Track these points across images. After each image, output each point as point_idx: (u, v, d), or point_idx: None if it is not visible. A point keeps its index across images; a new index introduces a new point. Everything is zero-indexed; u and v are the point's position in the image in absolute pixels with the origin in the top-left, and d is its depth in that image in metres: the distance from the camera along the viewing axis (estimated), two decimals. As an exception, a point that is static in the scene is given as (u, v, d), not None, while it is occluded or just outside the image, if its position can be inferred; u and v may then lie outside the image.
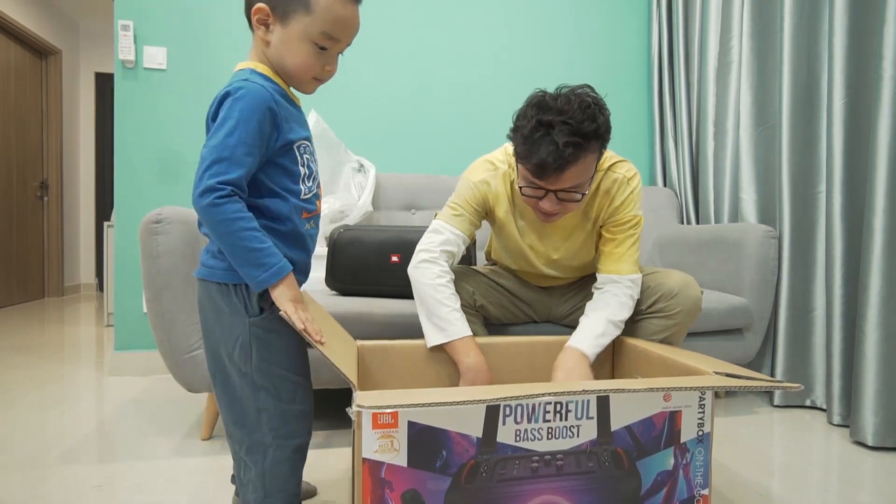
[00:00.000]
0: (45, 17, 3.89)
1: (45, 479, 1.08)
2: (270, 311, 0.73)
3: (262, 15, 0.70)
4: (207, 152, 0.67)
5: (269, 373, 0.73)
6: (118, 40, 1.81)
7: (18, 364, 2.02)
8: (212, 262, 0.73)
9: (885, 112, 1.27)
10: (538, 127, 0.92)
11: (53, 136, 4.02)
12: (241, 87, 0.68)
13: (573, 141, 0.90)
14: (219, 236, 0.67)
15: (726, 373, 0.79)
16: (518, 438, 0.71)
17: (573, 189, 0.97)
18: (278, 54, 0.72)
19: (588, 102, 0.93)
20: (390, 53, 2.08)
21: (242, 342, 0.72)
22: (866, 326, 1.30)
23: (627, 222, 1.09)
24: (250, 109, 0.67)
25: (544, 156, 0.90)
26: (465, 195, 1.11)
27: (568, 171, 0.93)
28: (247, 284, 0.71)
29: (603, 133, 0.95)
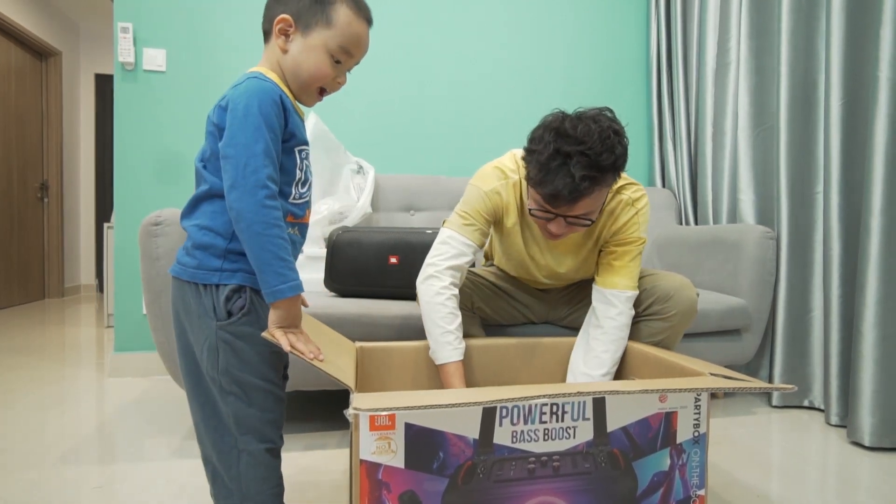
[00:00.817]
0: (46, 18, 3.89)
1: (46, 479, 1.09)
2: (240, 316, 0.71)
3: (285, 25, 0.74)
4: (240, 150, 0.66)
5: (237, 378, 0.71)
6: (118, 42, 1.82)
7: (19, 365, 2.02)
8: (185, 260, 0.72)
9: (882, 114, 1.28)
10: (555, 155, 0.89)
11: (54, 137, 4.03)
12: (251, 83, 0.70)
13: (590, 175, 0.88)
14: (253, 235, 0.67)
15: (721, 374, 0.79)
16: (515, 440, 0.72)
17: (583, 216, 0.97)
18: (295, 62, 0.75)
19: (608, 133, 0.90)
20: (388, 55, 2.08)
21: (210, 345, 0.71)
22: (863, 327, 1.30)
23: (631, 242, 1.08)
24: (267, 104, 0.68)
25: (560, 187, 0.89)
26: (476, 205, 1.08)
27: (581, 202, 0.92)
28: (216, 286, 0.70)
29: (620, 165, 0.93)
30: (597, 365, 1.03)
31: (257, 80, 0.70)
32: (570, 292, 1.27)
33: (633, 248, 1.08)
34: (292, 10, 0.74)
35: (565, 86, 2.25)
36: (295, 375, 1.28)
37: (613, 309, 1.06)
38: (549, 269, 1.17)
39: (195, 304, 0.71)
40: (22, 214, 3.76)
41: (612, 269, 1.08)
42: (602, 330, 1.05)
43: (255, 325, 0.71)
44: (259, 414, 0.73)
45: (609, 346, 1.04)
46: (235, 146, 0.67)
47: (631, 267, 1.08)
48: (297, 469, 1.15)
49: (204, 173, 0.72)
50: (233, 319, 0.71)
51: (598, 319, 1.07)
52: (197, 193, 0.73)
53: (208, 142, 0.72)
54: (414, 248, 1.43)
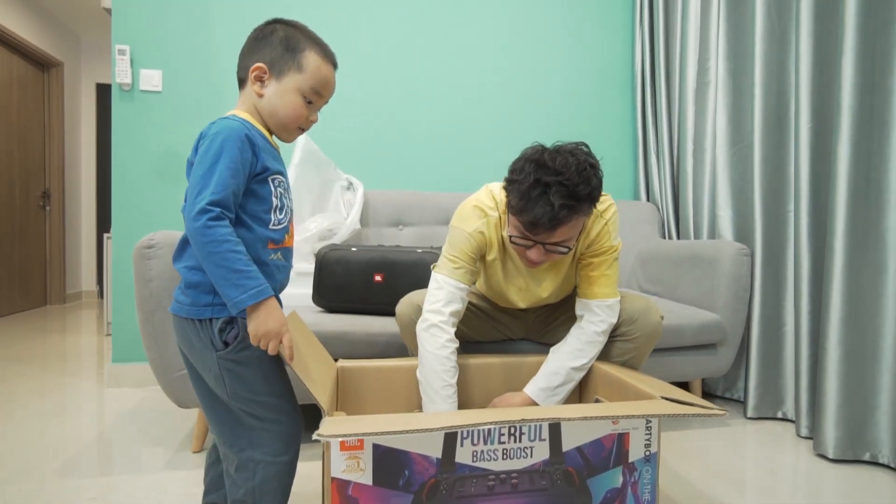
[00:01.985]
0: (48, 30, 3.97)
1: (43, 491, 1.15)
2: (235, 345, 0.77)
3: (260, 72, 0.81)
4: (196, 180, 0.73)
5: (246, 399, 0.78)
6: (115, 64, 1.88)
7: (22, 374, 2.08)
8: (181, 298, 0.79)
9: (845, 140, 1.33)
10: (535, 185, 0.95)
11: (55, 146, 4.10)
12: (218, 125, 0.77)
13: (568, 204, 0.94)
14: (205, 256, 0.71)
15: (672, 398, 0.85)
16: (475, 459, 0.78)
17: (561, 244, 1.02)
18: (271, 105, 0.82)
19: (584, 166, 0.97)
20: (378, 73, 2.14)
21: (215, 374, 0.78)
22: (827, 344, 1.36)
23: (604, 252, 1.14)
24: (230, 139, 0.75)
25: (539, 215, 0.94)
26: (462, 246, 1.12)
27: (559, 230, 0.98)
28: (210, 320, 0.76)
29: (595, 196, 0.99)
30: (569, 357, 1.10)
31: (226, 120, 0.77)
32: (548, 310, 1.33)
33: (608, 257, 1.14)
34: (266, 58, 0.82)
35: (553, 103, 2.31)
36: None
37: (596, 316, 1.12)
38: (530, 294, 1.22)
39: (195, 338, 0.78)
40: (24, 223, 3.83)
41: (591, 279, 1.14)
42: (583, 331, 1.12)
43: (252, 352, 0.77)
44: (272, 429, 0.79)
45: (585, 346, 1.11)
46: (193, 177, 0.74)
47: (609, 275, 1.14)
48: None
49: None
50: (230, 348, 0.77)
51: (580, 322, 1.14)
52: (183, 236, 0.78)
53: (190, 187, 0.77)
54: (397, 266, 1.49)
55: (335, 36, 2.10)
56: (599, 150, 2.35)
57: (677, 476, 1.26)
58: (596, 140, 2.35)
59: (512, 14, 2.26)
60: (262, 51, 0.82)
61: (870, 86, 1.32)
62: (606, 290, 1.13)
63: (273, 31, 0.83)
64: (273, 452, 0.79)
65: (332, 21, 2.09)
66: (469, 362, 1.18)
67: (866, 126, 1.32)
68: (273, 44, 0.82)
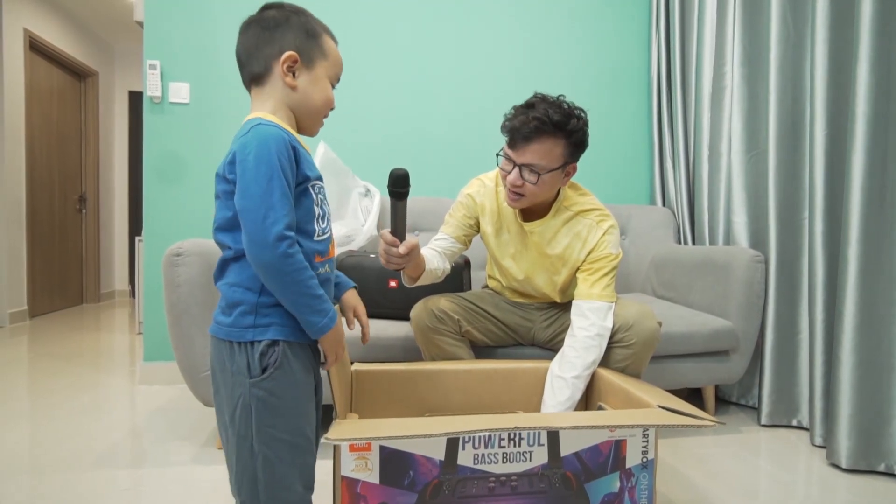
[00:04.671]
0: (83, 41, 4.16)
1: (80, 481, 1.24)
2: (273, 370, 0.71)
3: (291, 62, 0.75)
4: (256, 202, 0.66)
5: (269, 437, 0.70)
6: (146, 78, 1.98)
7: (60, 371, 2.22)
8: (220, 318, 0.73)
9: (859, 148, 1.32)
10: (524, 106, 1.14)
11: (91, 152, 4.30)
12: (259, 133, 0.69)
13: (543, 119, 1.09)
14: (286, 285, 0.68)
15: (669, 407, 0.87)
16: (476, 461, 0.82)
17: (532, 166, 1.13)
18: (306, 94, 0.77)
19: (570, 106, 1.14)
20: (392, 81, 2.20)
21: (243, 403, 0.70)
22: (841, 353, 1.35)
23: (602, 258, 1.20)
24: (279, 151, 0.68)
25: (517, 124, 1.11)
26: (456, 206, 1.34)
27: (532, 145, 1.11)
28: (251, 342, 0.70)
29: (570, 131, 1.12)
30: (569, 368, 1.13)
31: (263, 127, 0.69)
32: (553, 317, 1.36)
33: (606, 264, 1.20)
34: (294, 45, 0.75)
35: (567, 107, 2.32)
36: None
37: (586, 321, 1.16)
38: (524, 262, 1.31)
39: (228, 363, 0.71)
40: (63, 225, 4.03)
41: (584, 281, 1.21)
42: (575, 338, 1.16)
43: (289, 379, 0.71)
44: (288, 471, 0.72)
45: (580, 352, 1.14)
46: (251, 198, 0.66)
47: (604, 281, 1.19)
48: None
49: (224, 239, 0.72)
50: (266, 375, 0.70)
51: (572, 330, 1.18)
52: (224, 257, 0.73)
53: (222, 203, 0.72)
54: (411, 272, 1.54)
55: (351, 44, 2.16)
56: (615, 154, 2.36)
57: (685, 482, 1.28)
58: (612, 144, 2.35)
59: (527, 20, 2.28)
60: (283, 39, 0.75)
61: (885, 93, 1.31)
62: (598, 291, 1.18)
63: (287, 18, 0.76)
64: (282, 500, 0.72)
65: (349, 29, 2.16)
66: (476, 368, 1.22)
67: (881, 134, 1.31)
68: (296, 30, 0.76)
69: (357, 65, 2.17)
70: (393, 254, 1.03)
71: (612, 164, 2.36)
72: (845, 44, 1.44)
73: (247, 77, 0.78)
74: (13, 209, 3.40)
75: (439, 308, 1.26)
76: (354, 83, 2.17)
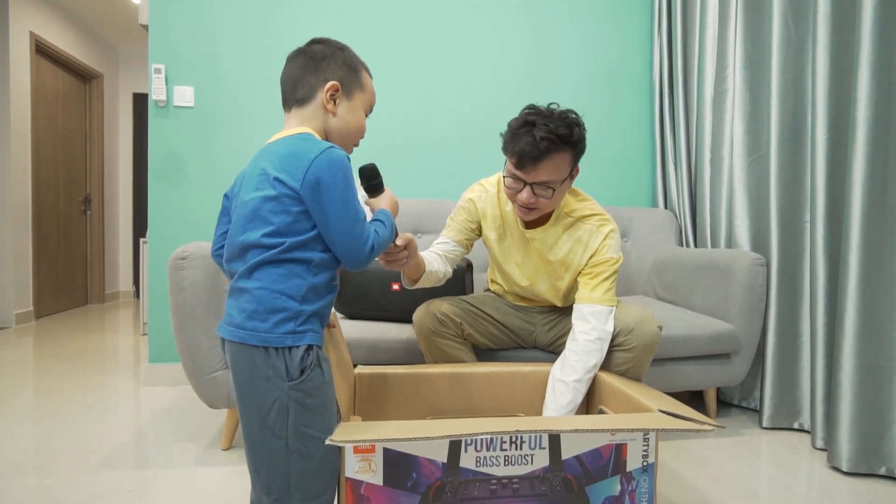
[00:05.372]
0: (88, 44, 4.19)
1: (87, 482, 1.25)
2: (310, 373, 0.75)
3: (333, 90, 0.86)
4: (350, 223, 0.77)
5: (304, 436, 0.75)
6: (151, 82, 2.00)
7: (66, 372, 2.23)
8: (252, 324, 0.74)
9: (860, 153, 1.33)
10: (523, 125, 1.11)
11: (96, 153, 4.33)
12: (334, 155, 0.77)
13: (549, 137, 1.07)
14: (380, 250, 0.84)
15: (669, 411, 0.88)
16: (478, 464, 0.83)
17: (546, 183, 1.12)
18: (344, 122, 0.87)
19: (568, 116, 1.12)
20: (395, 84, 2.21)
21: (280, 406, 0.74)
22: (842, 357, 1.35)
23: (603, 262, 1.21)
24: (350, 171, 0.79)
25: (524, 146, 1.08)
26: (456, 210, 1.36)
27: (542, 165, 1.10)
28: (289, 348, 0.74)
29: (576, 141, 1.12)
30: (570, 371, 1.14)
31: (335, 150, 0.77)
32: (554, 321, 1.37)
33: (607, 268, 1.21)
34: (337, 77, 0.86)
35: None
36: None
37: (587, 325, 1.17)
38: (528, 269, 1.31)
39: (263, 368, 0.73)
40: (68, 226, 4.06)
41: (585, 285, 1.22)
42: (576, 342, 1.17)
43: (321, 380, 0.77)
44: (319, 468, 0.77)
45: (581, 356, 1.15)
46: (345, 219, 0.77)
47: (605, 285, 1.20)
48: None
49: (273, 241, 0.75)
50: (304, 377, 0.75)
51: (573, 334, 1.19)
52: (262, 258, 0.75)
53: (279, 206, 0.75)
54: (414, 275, 1.55)
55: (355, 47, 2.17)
56: (618, 156, 2.37)
57: (686, 484, 1.28)
58: (614, 147, 2.36)
59: (529, 23, 2.29)
60: (328, 70, 0.86)
61: (886, 99, 1.31)
62: (598, 295, 1.19)
63: (334, 53, 0.87)
64: (313, 494, 0.77)
65: (352, 33, 2.17)
66: (478, 371, 1.23)
67: (882, 139, 1.32)
68: (339, 64, 0.87)
69: (360, 68, 2.18)
70: (389, 249, 1.03)
71: (615, 166, 2.37)
72: (846, 48, 1.45)
73: (290, 99, 0.86)
74: (19, 211, 3.42)
75: (441, 311, 1.27)
76: (357, 86, 2.18)
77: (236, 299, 0.77)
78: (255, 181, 0.78)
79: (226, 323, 0.77)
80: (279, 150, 0.79)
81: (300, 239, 0.76)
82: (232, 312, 0.77)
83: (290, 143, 0.80)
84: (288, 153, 0.78)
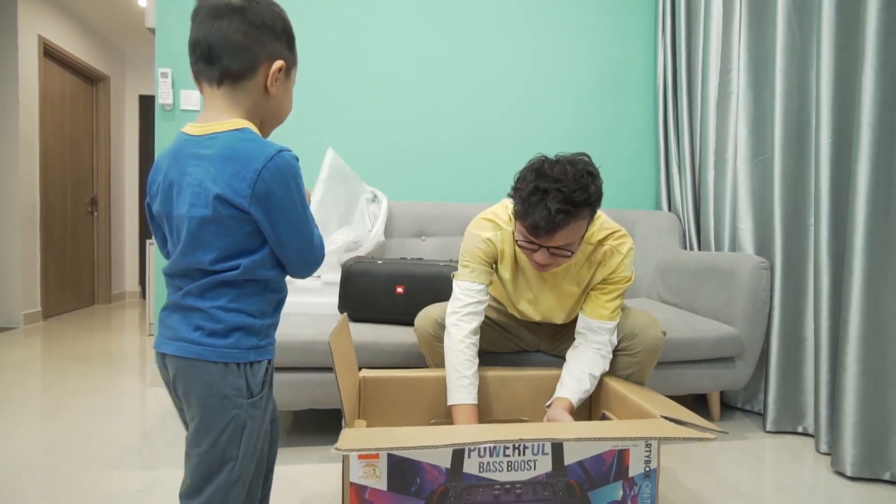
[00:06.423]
0: (95, 46, 4.23)
1: (96, 483, 1.27)
2: (266, 389, 0.72)
3: (278, 70, 0.70)
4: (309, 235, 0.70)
5: (251, 456, 0.71)
6: (158, 86, 2.02)
7: (74, 372, 2.26)
8: (209, 341, 0.66)
9: (864, 157, 1.32)
10: (535, 192, 1.00)
11: (102, 155, 4.36)
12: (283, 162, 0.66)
13: (564, 208, 0.98)
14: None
15: (672, 418, 0.89)
16: (482, 469, 0.84)
17: (564, 247, 1.06)
18: (279, 105, 0.74)
19: (582, 174, 1.01)
20: (400, 89, 2.22)
21: (236, 425, 0.68)
22: (846, 361, 1.35)
23: (618, 281, 1.19)
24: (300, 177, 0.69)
25: (538, 219, 0.99)
26: (475, 252, 1.20)
27: (559, 234, 1.02)
28: (251, 363, 0.69)
29: (594, 202, 1.03)
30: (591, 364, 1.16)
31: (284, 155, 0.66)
32: (558, 327, 1.37)
33: (621, 286, 1.20)
34: (282, 54, 0.71)
35: (575, 113, 2.34)
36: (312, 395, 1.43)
37: (599, 336, 1.18)
38: (540, 307, 1.28)
39: (222, 385, 0.67)
40: (75, 227, 4.09)
41: (599, 301, 1.19)
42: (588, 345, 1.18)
43: (272, 396, 0.75)
44: (253, 488, 0.74)
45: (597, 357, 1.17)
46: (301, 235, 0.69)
47: (617, 301, 1.19)
48: (314, 478, 1.30)
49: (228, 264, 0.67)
50: (262, 393, 0.71)
51: (582, 339, 1.19)
52: (218, 279, 0.67)
53: (224, 228, 0.65)
54: (418, 279, 1.56)
55: (360, 51, 2.19)
56: (621, 159, 2.37)
57: (690, 488, 1.29)
58: (618, 149, 2.36)
59: (534, 27, 2.30)
60: (274, 42, 0.70)
61: (890, 103, 1.31)
62: (611, 314, 1.18)
63: (276, 19, 0.71)
64: None
65: (359, 37, 2.18)
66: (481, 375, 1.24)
67: (886, 143, 1.31)
68: (283, 35, 0.72)
69: (365, 71, 2.20)
70: None
71: (619, 169, 2.37)
72: (851, 52, 1.45)
73: (216, 71, 0.67)
74: (27, 212, 3.46)
75: (443, 317, 1.27)
76: (362, 89, 2.19)
77: (185, 316, 0.68)
78: (190, 195, 0.65)
79: (169, 338, 0.68)
80: (215, 153, 0.65)
81: (252, 259, 0.67)
82: (179, 328, 0.68)
83: (228, 144, 0.65)
84: (226, 157, 0.64)
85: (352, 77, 2.19)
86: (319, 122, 2.14)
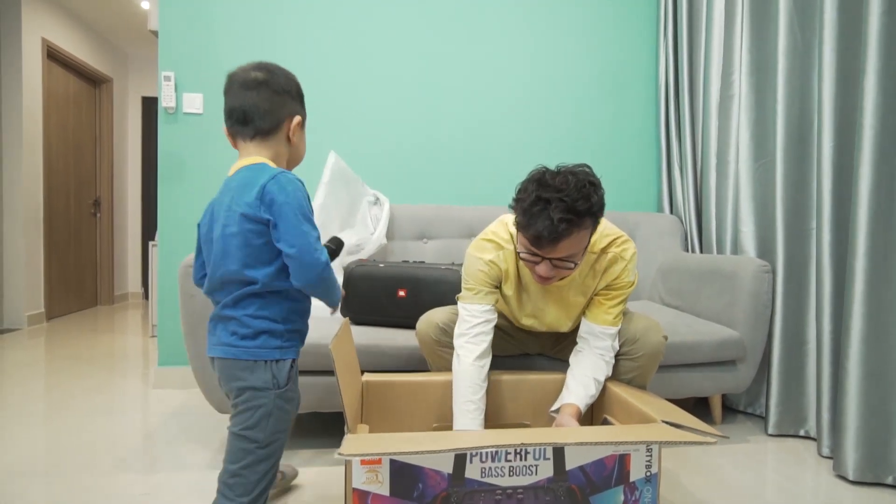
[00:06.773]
0: (98, 49, 4.24)
1: (98, 485, 1.27)
2: (292, 383, 0.88)
3: (297, 124, 0.94)
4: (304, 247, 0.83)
5: (277, 440, 0.87)
6: (161, 89, 2.03)
7: (77, 373, 2.27)
8: (243, 343, 0.84)
9: (866, 160, 1.32)
10: (537, 202, 0.99)
11: (105, 156, 4.38)
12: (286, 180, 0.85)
13: (567, 218, 0.97)
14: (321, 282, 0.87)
15: (673, 422, 0.89)
16: (484, 475, 0.84)
17: (567, 258, 1.05)
18: (297, 150, 0.96)
19: (584, 182, 1.00)
20: (400, 90, 2.22)
21: (265, 412, 0.85)
22: (848, 364, 1.35)
23: (622, 287, 1.19)
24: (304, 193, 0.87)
25: (540, 229, 0.98)
26: (479, 276, 1.19)
27: (562, 244, 1.00)
28: (277, 360, 0.86)
29: (596, 211, 1.02)
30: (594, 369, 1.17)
31: (285, 174, 0.85)
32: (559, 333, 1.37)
33: (624, 292, 1.20)
34: (296, 111, 0.94)
35: (577, 115, 2.34)
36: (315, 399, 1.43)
37: (602, 342, 1.18)
38: (542, 322, 1.28)
39: (253, 379, 0.85)
40: (78, 228, 4.11)
41: (603, 308, 1.19)
42: (591, 350, 1.19)
43: (297, 392, 0.91)
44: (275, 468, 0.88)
45: (600, 361, 1.18)
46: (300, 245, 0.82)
47: (620, 307, 1.20)
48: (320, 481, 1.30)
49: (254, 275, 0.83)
50: (288, 386, 0.88)
51: (589, 348, 1.19)
52: (246, 291, 0.84)
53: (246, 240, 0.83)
54: (420, 282, 1.56)
55: (361, 53, 2.19)
56: (623, 161, 2.37)
57: (691, 491, 1.29)
58: (620, 152, 2.36)
59: (535, 29, 2.30)
60: (292, 103, 0.93)
61: (892, 106, 1.31)
62: (614, 319, 1.18)
63: (291, 84, 0.93)
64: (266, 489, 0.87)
65: (359, 40, 2.19)
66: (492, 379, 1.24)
67: (888, 147, 1.31)
68: (295, 95, 0.94)
69: (366, 73, 2.20)
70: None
71: (620, 171, 2.37)
72: (853, 55, 1.44)
73: (251, 130, 0.89)
74: (31, 214, 3.47)
75: (444, 321, 1.27)
76: (363, 90, 2.20)
77: (225, 324, 0.86)
78: (224, 217, 0.85)
79: (215, 344, 0.87)
80: (237, 183, 0.86)
81: (268, 272, 0.84)
82: (221, 335, 0.86)
83: (246, 175, 0.86)
84: (244, 184, 0.84)
85: (352, 78, 2.19)
86: (320, 123, 2.15)
